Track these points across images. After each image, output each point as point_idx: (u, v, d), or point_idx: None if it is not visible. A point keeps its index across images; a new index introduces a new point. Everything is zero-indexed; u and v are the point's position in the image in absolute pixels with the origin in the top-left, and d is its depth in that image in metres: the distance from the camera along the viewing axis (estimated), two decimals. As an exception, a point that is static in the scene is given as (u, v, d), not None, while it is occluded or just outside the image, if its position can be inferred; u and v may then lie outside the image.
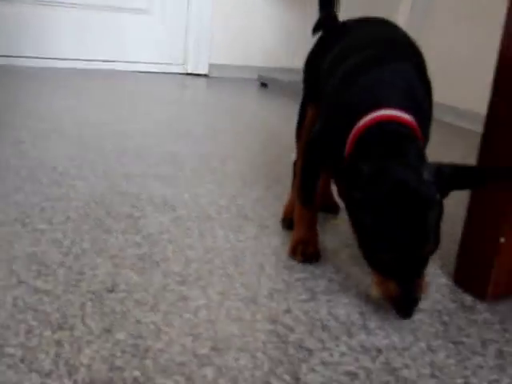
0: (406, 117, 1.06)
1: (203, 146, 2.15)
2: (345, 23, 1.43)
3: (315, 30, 1.53)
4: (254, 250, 1.29)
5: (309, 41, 1.69)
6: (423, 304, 1.15)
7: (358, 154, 1.07)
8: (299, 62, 4.23)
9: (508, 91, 1.12)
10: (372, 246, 0.99)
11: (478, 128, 1.53)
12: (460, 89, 3.08)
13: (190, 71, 4.14)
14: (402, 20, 3.76)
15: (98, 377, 0.84)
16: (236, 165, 1.93)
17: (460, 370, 0.96)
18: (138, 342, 0.93)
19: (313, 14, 1.69)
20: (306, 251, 1.25)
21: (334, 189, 1.55)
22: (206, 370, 0.88)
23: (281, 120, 2.92)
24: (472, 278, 1.22)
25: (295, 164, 1.51)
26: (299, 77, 1.59)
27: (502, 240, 1.15)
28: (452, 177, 1.00)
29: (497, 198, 1.15)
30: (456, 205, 1.27)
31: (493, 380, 0.94)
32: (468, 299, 1.20)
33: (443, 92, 3.19)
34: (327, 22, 1.51)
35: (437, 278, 1.27)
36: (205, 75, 4.17)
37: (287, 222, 1.40)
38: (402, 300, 0.99)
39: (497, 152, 1.15)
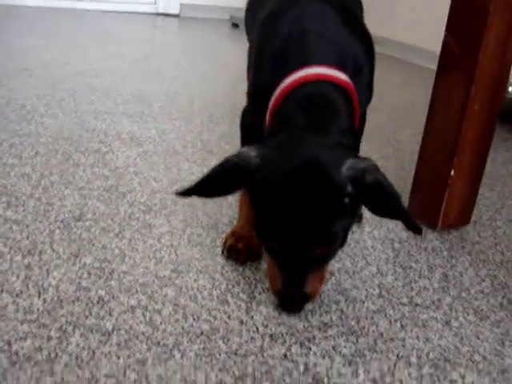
0: (339, 76, 0.91)
1: (172, 85, 2.16)
2: None
3: None
4: (217, 183, 1.34)
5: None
6: (377, 232, 1.22)
7: (273, 129, 0.92)
8: (271, 2, 4.20)
9: (459, 29, 1.16)
10: (264, 232, 0.87)
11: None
12: (424, 28, 3.11)
13: (161, 11, 4.09)
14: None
15: (65, 296, 0.90)
16: (204, 103, 1.96)
17: (406, 291, 1.03)
18: (104, 266, 0.98)
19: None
20: (248, 248, 1.04)
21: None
22: (167, 289, 0.94)
23: (251, 60, 2.93)
24: (424, 208, 1.29)
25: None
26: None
27: (453, 173, 1.21)
28: (371, 189, 0.82)
29: (448, 133, 1.21)
30: (411, 141, 1.33)
31: (436, 299, 1.02)
32: (420, 229, 1.27)
33: (408, 32, 3.21)
34: None
35: (392, 210, 1.33)
36: (176, 15, 4.13)
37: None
38: (284, 293, 0.87)
39: (449, 89, 1.20)
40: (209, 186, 0.89)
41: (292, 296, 0.87)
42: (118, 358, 0.79)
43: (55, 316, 0.85)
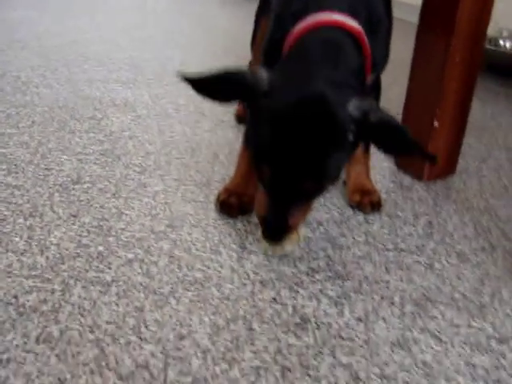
0: (350, 23, 0.92)
1: (163, 51, 2.19)
2: None
3: None
4: (209, 142, 1.38)
5: None
6: (364, 184, 1.26)
7: (283, 66, 0.92)
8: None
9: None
10: (257, 156, 0.87)
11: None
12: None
13: (151, -22, 4.07)
14: None
15: (66, 253, 0.95)
16: (195, 67, 1.99)
17: (392, 237, 1.08)
18: (102, 224, 1.03)
19: None
20: (240, 203, 1.09)
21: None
22: (163, 243, 0.99)
23: (242, 25, 2.94)
24: (410, 160, 1.33)
25: (250, 64, 1.58)
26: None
27: (436, 124, 1.25)
28: (375, 129, 0.84)
29: (431, 86, 1.24)
30: (400, 99, 1.36)
31: (420, 245, 1.07)
32: (407, 180, 1.31)
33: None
34: None
35: (380, 162, 1.38)
36: (167, -19, 4.11)
37: (240, 118, 1.49)
38: (266, 222, 0.89)
39: (430, 42, 1.23)
40: (212, 86, 0.87)
41: (273, 225, 0.87)
42: (118, 306, 0.84)
43: (58, 271, 0.91)
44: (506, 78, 2.16)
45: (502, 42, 2.37)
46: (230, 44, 2.40)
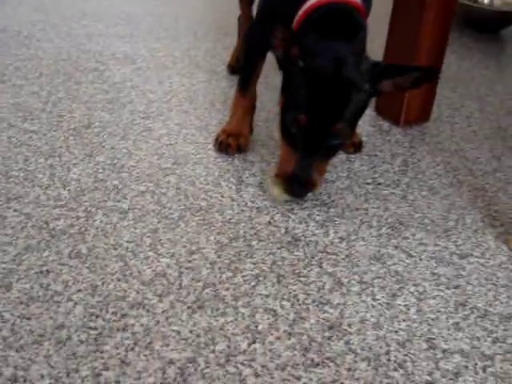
0: None
1: (156, 7, 2.27)
2: None
3: None
4: (206, 91, 1.51)
5: None
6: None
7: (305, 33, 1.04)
8: None
9: None
10: (289, 111, 1.01)
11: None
12: None
13: None
14: None
15: (86, 187, 1.09)
16: (188, 22, 2.09)
17: (371, 173, 1.22)
18: (115, 162, 1.17)
19: None
20: (237, 143, 1.23)
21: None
22: (170, 177, 1.13)
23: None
24: (388, 107, 1.47)
25: (239, 18, 1.69)
26: None
27: (412, 73, 1.38)
28: (385, 70, 1.02)
29: (407, 41, 1.37)
30: (379, 45, 1.47)
31: (396, 180, 1.21)
32: (385, 125, 1.45)
33: None
34: None
35: (361, 110, 1.51)
36: None
37: (232, 68, 1.61)
38: (294, 177, 1.01)
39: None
40: None
41: (300, 181, 1.01)
42: (135, 228, 0.98)
43: (80, 202, 1.04)
44: (481, 34, 2.28)
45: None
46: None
